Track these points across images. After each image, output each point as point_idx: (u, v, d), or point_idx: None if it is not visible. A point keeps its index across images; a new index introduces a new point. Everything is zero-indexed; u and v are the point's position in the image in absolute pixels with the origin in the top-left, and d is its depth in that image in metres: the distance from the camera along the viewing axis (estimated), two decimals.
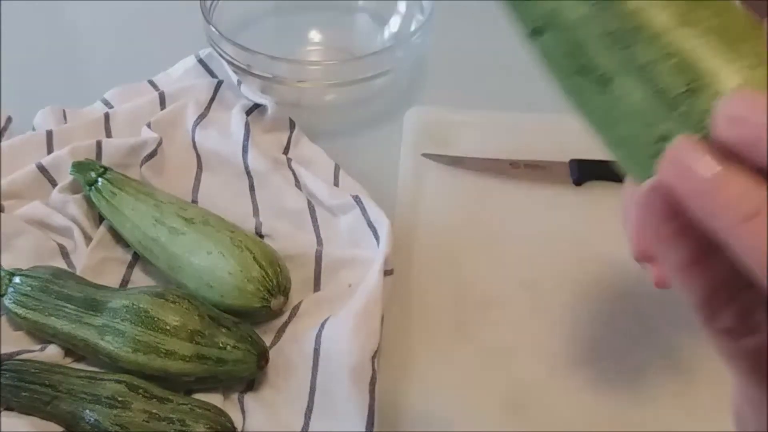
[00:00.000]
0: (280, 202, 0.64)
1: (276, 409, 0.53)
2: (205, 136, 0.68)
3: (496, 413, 0.54)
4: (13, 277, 0.57)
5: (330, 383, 0.53)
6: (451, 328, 0.58)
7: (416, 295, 0.60)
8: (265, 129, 0.69)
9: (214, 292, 0.56)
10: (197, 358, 0.52)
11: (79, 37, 0.85)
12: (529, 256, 0.63)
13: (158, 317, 0.53)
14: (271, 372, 0.55)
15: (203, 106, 0.70)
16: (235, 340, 0.53)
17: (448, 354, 0.57)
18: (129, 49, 0.81)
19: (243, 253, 0.56)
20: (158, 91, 0.72)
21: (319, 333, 0.55)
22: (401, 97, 0.75)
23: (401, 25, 0.79)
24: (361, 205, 0.62)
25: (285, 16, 0.82)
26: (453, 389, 0.55)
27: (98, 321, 0.54)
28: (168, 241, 0.58)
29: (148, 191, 0.62)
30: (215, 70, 0.73)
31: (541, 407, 0.54)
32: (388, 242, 0.58)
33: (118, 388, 0.51)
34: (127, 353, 0.52)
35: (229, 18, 0.77)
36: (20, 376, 0.52)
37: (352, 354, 0.52)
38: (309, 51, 0.80)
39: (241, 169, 0.66)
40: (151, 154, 0.66)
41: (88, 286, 0.57)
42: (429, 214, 0.66)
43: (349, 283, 0.59)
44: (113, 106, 0.72)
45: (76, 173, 0.62)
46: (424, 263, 0.62)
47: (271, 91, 0.71)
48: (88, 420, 0.51)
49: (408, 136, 0.71)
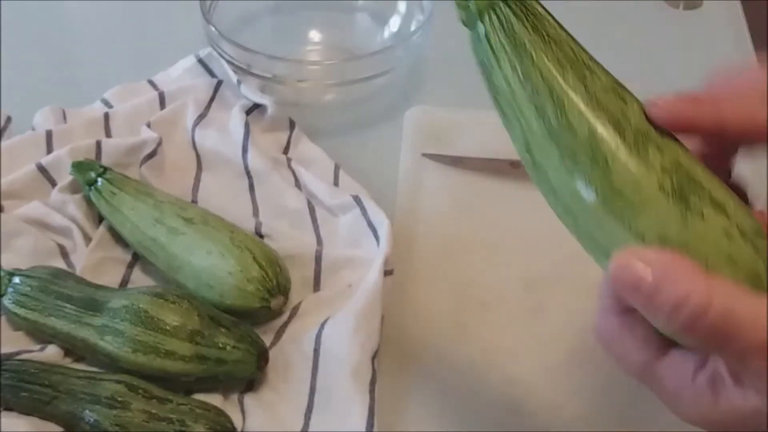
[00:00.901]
0: (279, 202, 0.64)
1: (276, 409, 0.53)
2: (205, 135, 0.68)
3: (496, 413, 0.54)
4: (12, 277, 0.57)
5: (330, 383, 0.53)
6: (451, 328, 0.58)
7: (416, 295, 0.60)
8: (265, 129, 0.69)
9: (213, 292, 0.56)
10: (197, 359, 0.52)
11: (78, 37, 0.85)
12: (529, 256, 0.63)
13: (158, 317, 0.52)
14: (271, 372, 0.55)
15: (203, 105, 0.70)
16: (234, 340, 0.53)
17: (447, 354, 0.57)
18: (129, 49, 0.81)
19: (243, 253, 0.56)
20: (158, 90, 0.72)
21: (319, 333, 0.55)
22: (401, 97, 0.75)
23: (401, 25, 0.78)
24: (361, 204, 0.62)
25: (285, 16, 0.82)
26: (453, 389, 0.55)
27: (98, 321, 0.54)
28: (168, 241, 0.58)
29: (147, 191, 0.62)
30: (215, 70, 0.73)
31: (540, 407, 0.54)
32: (388, 242, 0.58)
33: (117, 389, 0.51)
34: (126, 353, 0.52)
35: (228, 18, 0.76)
36: (20, 376, 0.52)
37: (352, 354, 0.52)
38: (309, 51, 0.80)
39: (240, 169, 0.66)
40: (151, 153, 0.66)
41: (87, 286, 0.57)
42: (429, 214, 0.65)
43: (349, 283, 0.59)
44: (113, 106, 0.71)
45: (76, 173, 0.62)
46: (424, 263, 0.62)
47: (271, 91, 0.71)
48: (88, 420, 0.50)
49: (408, 136, 0.71)
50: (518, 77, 0.37)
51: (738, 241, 0.33)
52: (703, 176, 0.35)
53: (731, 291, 0.32)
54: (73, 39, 0.85)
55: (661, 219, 0.34)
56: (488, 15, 0.38)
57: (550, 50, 0.37)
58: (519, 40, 0.37)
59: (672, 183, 0.34)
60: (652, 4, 0.84)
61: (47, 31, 0.83)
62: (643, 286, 0.33)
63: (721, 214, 0.33)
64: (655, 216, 0.34)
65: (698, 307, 0.31)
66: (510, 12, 0.38)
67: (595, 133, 0.35)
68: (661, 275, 0.32)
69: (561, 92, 0.36)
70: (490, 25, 0.38)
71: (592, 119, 0.35)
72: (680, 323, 0.32)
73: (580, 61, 0.37)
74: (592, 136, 0.35)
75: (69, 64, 0.81)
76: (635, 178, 0.34)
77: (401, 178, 0.68)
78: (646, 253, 0.33)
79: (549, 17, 0.38)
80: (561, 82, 0.36)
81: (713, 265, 0.33)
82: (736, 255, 0.33)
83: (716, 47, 0.80)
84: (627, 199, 0.34)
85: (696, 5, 0.84)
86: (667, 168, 0.34)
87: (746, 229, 0.34)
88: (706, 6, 0.84)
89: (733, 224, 0.33)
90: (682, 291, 0.32)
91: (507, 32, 0.38)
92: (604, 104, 0.36)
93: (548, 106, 0.36)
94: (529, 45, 0.37)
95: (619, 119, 0.35)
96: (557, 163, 0.36)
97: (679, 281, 0.32)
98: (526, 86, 0.37)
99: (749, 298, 0.32)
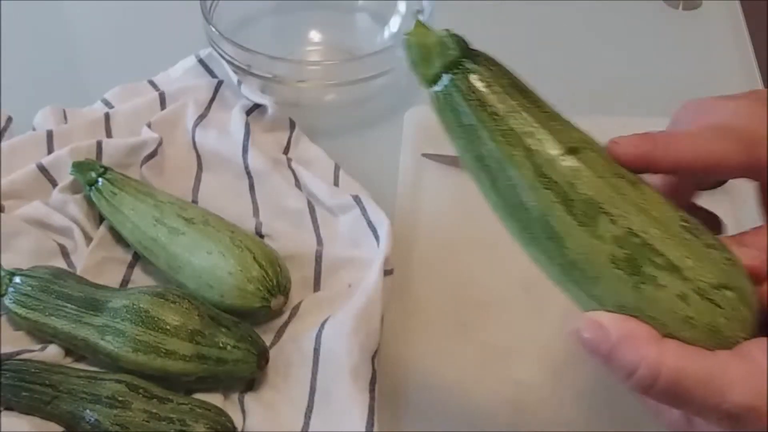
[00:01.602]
0: (280, 202, 0.64)
1: (276, 409, 0.53)
2: (205, 136, 0.68)
3: (496, 413, 0.54)
4: (13, 277, 0.57)
5: (330, 383, 0.53)
6: (451, 328, 0.58)
7: (416, 295, 0.60)
8: (265, 129, 0.69)
9: (214, 292, 0.56)
10: (197, 358, 0.52)
11: (79, 37, 0.85)
12: None
13: (158, 317, 0.53)
14: (271, 372, 0.55)
15: (203, 106, 0.70)
16: (235, 340, 0.53)
17: (448, 354, 0.57)
18: (129, 49, 0.81)
19: (243, 253, 0.56)
20: (158, 91, 0.72)
21: (319, 333, 0.55)
22: (401, 97, 0.75)
23: (401, 25, 0.79)
24: (361, 204, 0.62)
25: (285, 16, 0.82)
26: (453, 389, 0.55)
27: (98, 321, 0.54)
28: (168, 241, 0.58)
29: (148, 191, 0.62)
30: (215, 70, 0.73)
31: (541, 407, 0.54)
32: (388, 242, 0.58)
33: (118, 388, 0.51)
34: (127, 353, 0.52)
35: (229, 18, 0.77)
36: (20, 375, 0.52)
37: (352, 354, 0.52)
38: (309, 51, 0.80)
39: (241, 169, 0.66)
40: (152, 154, 0.66)
41: (88, 286, 0.57)
42: (429, 214, 0.66)
43: (349, 283, 0.59)
44: (113, 106, 0.72)
45: (77, 173, 0.62)
46: (424, 263, 0.62)
47: (271, 91, 0.71)
48: (89, 420, 0.51)
49: (408, 136, 0.71)
50: (472, 152, 0.38)
51: (694, 301, 0.34)
52: (660, 235, 0.34)
53: (683, 355, 0.33)
54: (74, 39, 0.85)
55: (615, 290, 0.34)
56: (444, 79, 0.39)
57: (494, 124, 0.36)
58: (465, 118, 0.37)
59: (624, 253, 0.34)
60: (652, 4, 0.84)
61: (48, 31, 0.84)
62: (600, 349, 0.34)
63: (676, 278, 0.34)
64: (610, 287, 0.35)
65: (649, 373, 0.33)
66: (455, 89, 0.38)
67: (545, 212, 0.35)
68: (615, 341, 0.34)
69: (512, 171, 0.36)
70: (444, 91, 0.39)
71: (541, 197, 0.35)
72: (635, 387, 0.34)
73: (524, 129, 0.36)
74: (542, 214, 0.35)
75: (69, 64, 0.81)
76: (586, 252, 0.35)
77: (401, 178, 0.68)
78: (603, 319, 0.34)
79: (496, 83, 0.37)
80: (509, 161, 0.36)
81: (672, 328, 0.34)
82: (693, 315, 0.34)
83: (715, 47, 0.80)
84: (582, 272, 0.35)
85: (695, 5, 0.84)
86: (619, 237, 0.34)
87: (704, 286, 0.34)
88: (705, 6, 0.84)
89: (689, 286, 0.34)
90: (633, 358, 0.33)
91: (456, 103, 0.38)
92: (553, 177, 0.35)
93: (501, 182, 0.37)
94: (477, 121, 0.37)
95: (566, 192, 0.35)
96: (518, 233, 0.37)
97: (631, 348, 0.34)
98: (478, 160, 0.38)
99: (702, 360, 0.33)
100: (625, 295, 0.34)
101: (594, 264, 0.35)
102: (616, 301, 0.35)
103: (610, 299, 0.35)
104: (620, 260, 0.34)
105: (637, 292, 0.34)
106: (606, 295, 0.35)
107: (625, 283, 0.34)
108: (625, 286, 0.34)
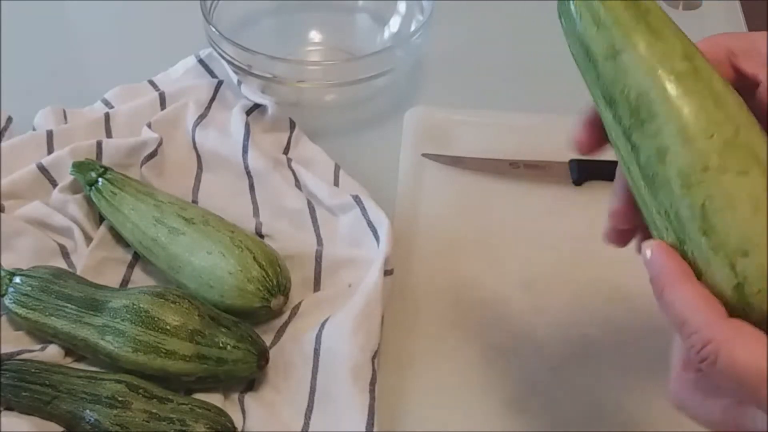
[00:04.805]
0: (280, 202, 0.64)
1: (276, 409, 0.53)
2: (205, 136, 0.68)
3: (496, 413, 0.54)
4: (13, 277, 0.57)
5: (330, 383, 0.53)
6: (451, 327, 0.58)
7: (416, 295, 0.60)
8: (265, 129, 0.69)
9: (214, 292, 0.56)
10: (197, 358, 0.52)
11: (79, 37, 0.85)
12: (529, 256, 0.63)
13: (158, 317, 0.53)
14: (271, 372, 0.55)
15: (203, 106, 0.70)
16: (235, 340, 0.53)
17: (448, 354, 0.57)
18: (129, 49, 0.81)
19: (243, 253, 0.56)
20: (158, 91, 0.72)
21: (319, 333, 0.55)
22: (401, 97, 0.75)
23: (401, 25, 0.79)
24: (361, 204, 0.62)
25: (285, 16, 0.82)
26: (453, 389, 0.55)
27: (98, 321, 0.54)
28: (168, 241, 0.58)
29: (148, 191, 0.62)
30: (215, 70, 0.74)
31: (541, 407, 0.54)
32: (388, 242, 0.58)
33: (118, 388, 0.51)
34: (127, 353, 0.52)
35: (229, 18, 0.77)
36: (20, 376, 0.52)
37: (352, 354, 0.52)
38: (309, 51, 0.80)
39: (241, 169, 0.66)
40: (152, 154, 0.66)
41: (88, 286, 0.57)
42: (429, 214, 0.66)
43: (349, 283, 0.59)
44: (113, 106, 0.72)
45: (77, 173, 0.62)
46: (424, 263, 0.62)
47: (271, 91, 0.71)
48: (89, 420, 0.51)
49: (408, 136, 0.71)
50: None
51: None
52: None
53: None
54: (74, 39, 0.85)
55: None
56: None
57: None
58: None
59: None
60: None
61: (47, 32, 0.84)
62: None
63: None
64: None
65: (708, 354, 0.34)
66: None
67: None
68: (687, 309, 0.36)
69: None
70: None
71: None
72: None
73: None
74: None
75: (70, 65, 0.81)
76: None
77: (401, 178, 0.68)
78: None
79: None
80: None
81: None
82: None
83: None
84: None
85: (695, 5, 0.84)
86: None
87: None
88: (705, 6, 0.84)
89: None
90: (704, 336, 0.35)
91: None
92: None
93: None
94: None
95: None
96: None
97: (702, 327, 0.35)
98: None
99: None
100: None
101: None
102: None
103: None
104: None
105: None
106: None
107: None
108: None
